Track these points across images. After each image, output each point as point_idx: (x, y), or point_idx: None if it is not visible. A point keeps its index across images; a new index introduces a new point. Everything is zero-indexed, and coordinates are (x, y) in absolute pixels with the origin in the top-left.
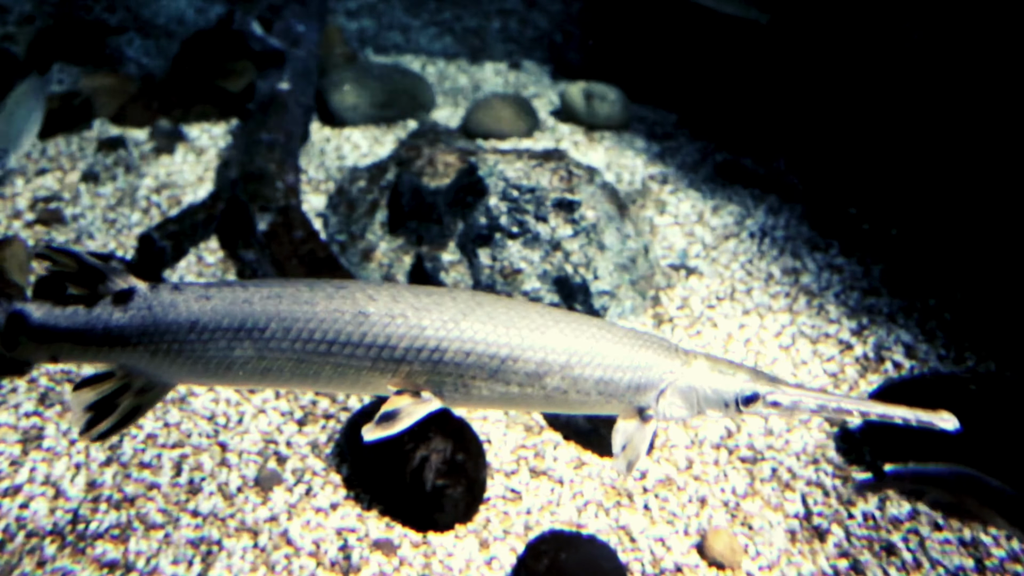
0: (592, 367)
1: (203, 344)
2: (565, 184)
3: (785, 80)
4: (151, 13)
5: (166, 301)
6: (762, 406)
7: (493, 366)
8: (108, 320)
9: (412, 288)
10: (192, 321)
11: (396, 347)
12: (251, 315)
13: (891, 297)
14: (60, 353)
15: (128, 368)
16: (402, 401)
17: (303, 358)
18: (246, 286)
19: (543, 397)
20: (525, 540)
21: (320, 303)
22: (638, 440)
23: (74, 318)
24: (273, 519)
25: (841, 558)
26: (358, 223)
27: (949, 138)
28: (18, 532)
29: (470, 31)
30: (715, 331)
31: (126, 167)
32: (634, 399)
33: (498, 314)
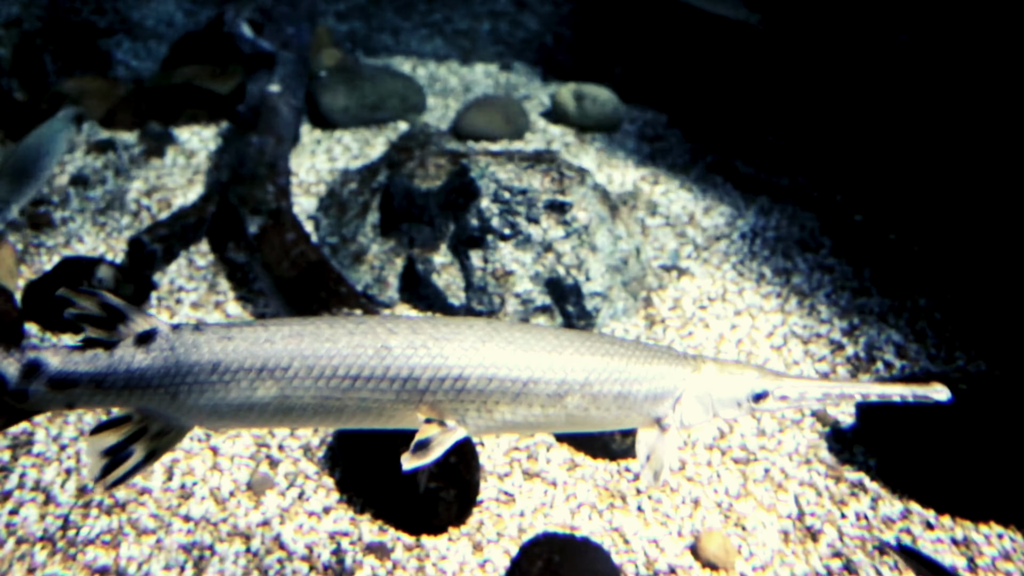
0: (610, 383)
1: (226, 385)
2: (556, 186)
3: (776, 81)
4: (140, 16)
5: (188, 342)
6: (772, 401)
7: (515, 390)
8: (131, 363)
9: (430, 319)
10: (215, 363)
11: (420, 378)
12: (273, 355)
13: (881, 297)
14: (78, 400)
15: (147, 411)
16: (432, 430)
17: (327, 395)
18: (267, 325)
19: (565, 416)
20: (519, 542)
21: (342, 339)
22: (660, 449)
23: (95, 362)
24: (266, 523)
25: (834, 558)
26: (349, 225)
27: (939, 139)
28: (8, 538)
29: (460, 33)
30: (707, 332)
31: (116, 170)
32: (652, 410)
33: (516, 339)
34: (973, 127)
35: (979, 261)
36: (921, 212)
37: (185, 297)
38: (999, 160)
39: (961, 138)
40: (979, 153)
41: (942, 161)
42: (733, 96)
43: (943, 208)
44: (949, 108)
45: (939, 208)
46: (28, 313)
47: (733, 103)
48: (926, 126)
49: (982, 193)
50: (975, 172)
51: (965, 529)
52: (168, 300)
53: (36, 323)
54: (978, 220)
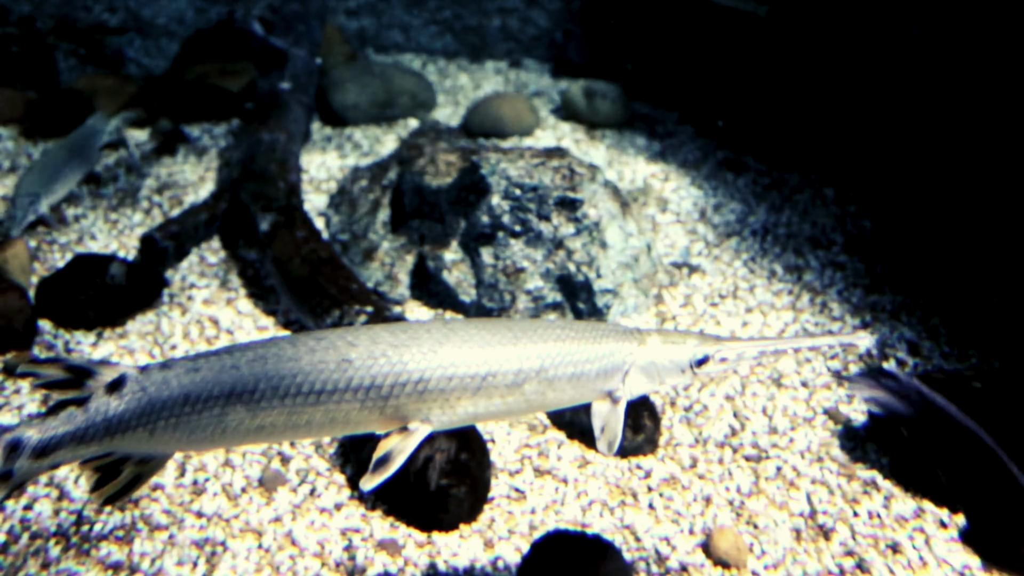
0: (564, 366)
1: (198, 414)
2: (567, 182)
3: (786, 75)
4: (152, 13)
5: (158, 380)
6: (713, 364)
7: (475, 385)
8: (107, 412)
9: (388, 327)
10: (186, 395)
11: (382, 385)
12: (240, 380)
13: (894, 294)
14: (63, 460)
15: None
16: (391, 442)
17: (294, 411)
18: (232, 352)
19: (524, 402)
20: (530, 540)
21: (304, 357)
22: (613, 421)
23: (72, 421)
24: (277, 520)
25: (847, 556)
26: (360, 222)
27: (952, 134)
28: (23, 534)
29: (470, 29)
30: (718, 329)
31: (127, 167)
32: (603, 385)
33: (472, 336)
34: (989, 121)
35: (993, 258)
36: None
37: (197, 294)
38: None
39: (978, 133)
40: (995, 149)
41: (957, 156)
42: (744, 92)
43: (957, 204)
44: (964, 102)
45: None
46: (42, 310)
47: (744, 99)
48: (940, 120)
49: (997, 189)
50: (991, 168)
51: None
52: (180, 297)
53: (49, 320)
54: (992, 216)
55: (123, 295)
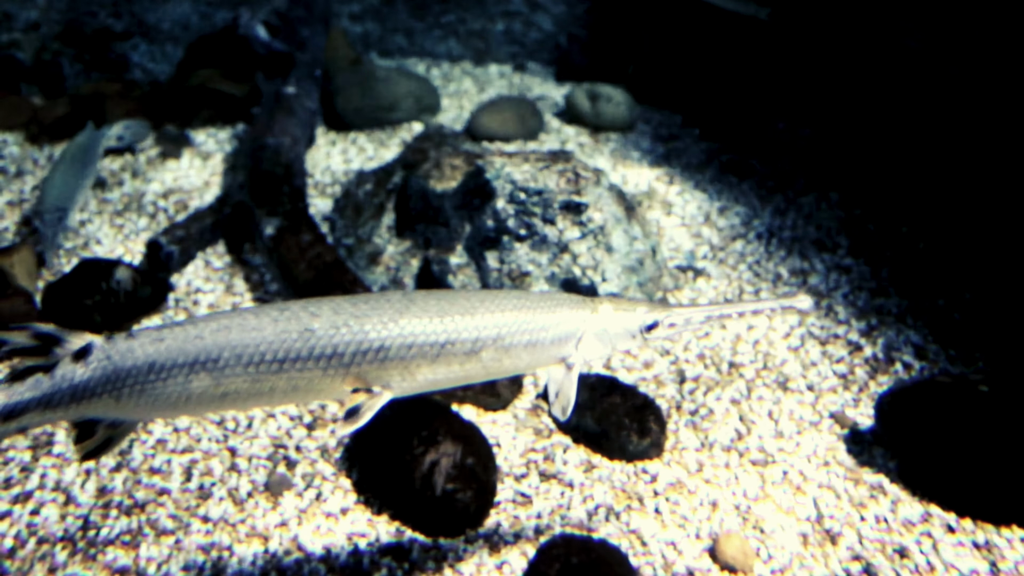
0: (519, 334)
1: (163, 382)
2: (572, 186)
3: (790, 78)
4: (156, 18)
5: (123, 348)
6: (663, 330)
7: (434, 353)
8: (72, 378)
9: (350, 298)
10: (150, 363)
11: (344, 354)
12: (204, 348)
13: (900, 297)
14: (30, 423)
15: (95, 418)
16: (360, 398)
17: (258, 379)
18: (196, 323)
19: (482, 369)
20: (536, 544)
21: (267, 327)
22: (567, 385)
23: (39, 387)
24: (283, 524)
25: (854, 561)
26: (365, 226)
27: (957, 137)
28: (29, 539)
29: (474, 33)
30: (723, 332)
31: (133, 172)
32: (558, 352)
33: (431, 307)
34: (993, 126)
35: (1000, 261)
36: (939, 212)
37: (202, 298)
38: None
39: (981, 137)
40: (1001, 151)
41: (962, 160)
42: (748, 95)
43: (962, 207)
44: (969, 106)
45: (958, 207)
46: (48, 315)
47: (748, 102)
48: (945, 124)
49: (1002, 192)
50: (996, 171)
51: (987, 532)
52: (185, 301)
53: (55, 325)
54: (997, 220)
55: (128, 300)
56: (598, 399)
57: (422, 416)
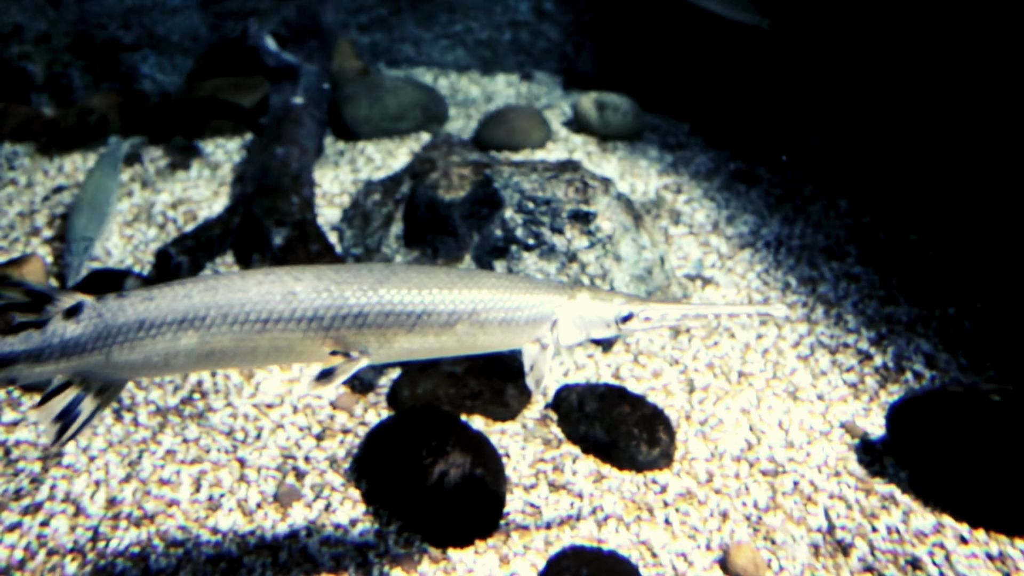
0: (495, 311)
1: (152, 339)
2: (580, 195)
3: (794, 85)
4: (165, 30)
5: (114, 307)
6: (637, 322)
7: (411, 323)
8: (63, 334)
9: (334, 266)
10: (140, 320)
11: (324, 317)
12: (192, 307)
13: (909, 306)
14: (19, 376)
15: (84, 374)
16: (336, 360)
17: (242, 337)
18: (184, 283)
19: (456, 342)
20: (546, 555)
21: (252, 289)
22: (540, 363)
23: (29, 340)
24: (292, 535)
25: (865, 573)
26: (373, 236)
27: (968, 145)
28: (39, 550)
29: (481, 43)
30: (732, 342)
31: (142, 183)
32: (533, 333)
33: (411, 279)
34: (1006, 132)
35: (1011, 269)
36: (950, 219)
37: None
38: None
39: (991, 144)
40: (1013, 159)
41: (972, 167)
42: (755, 103)
43: (972, 215)
44: (980, 113)
45: (968, 215)
46: None
47: (754, 109)
48: (956, 131)
49: (1014, 200)
50: (1007, 179)
51: (1000, 544)
52: None
53: None
54: (1008, 227)
55: None
56: (607, 409)
57: (431, 427)
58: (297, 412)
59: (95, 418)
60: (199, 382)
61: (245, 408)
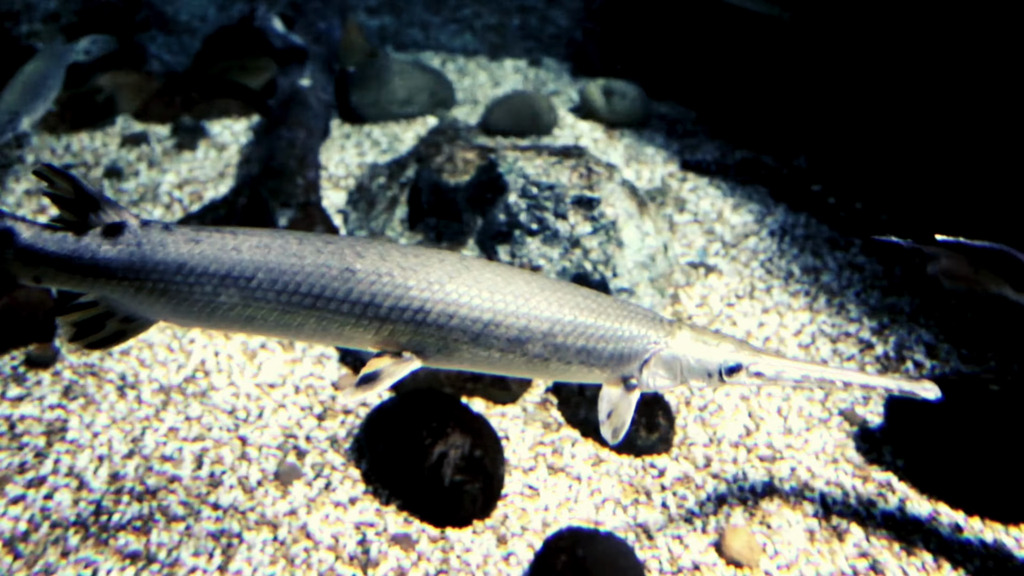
0: (575, 336)
1: (189, 287)
2: (584, 181)
3: (808, 77)
4: (174, 11)
5: (156, 240)
6: (745, 376)
7: (476, 330)
8: (96, 251)
9: (400, 247)
10: (180, 263)
11: (381, 305)
12: (239, 263)
13: (912, 296)
14: (44, 277)
15: (111, 301)
16: (383, 362)
17: (288, 309)
18: (236, 233)
19: (524, 363)
20: (543, 536)
21: (308, 257)
22: (623, 408)
23: (62, 244)
24: (292, 513)
25: (860, 558)
26: (378, 220)
27: (975, 135)
28: (43, 523)
29: (490, 28)
30: (734, 329)
31: (149, 163)
32: (617, 368)
33: (484, 279)
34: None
35: None
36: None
37: None
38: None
39: (1001, 134)
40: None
41: (978, 157)
42: (763, 92)
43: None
44: (983, 105)
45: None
46: (63, 304)
47: (763, 99)
48: (962, 120)
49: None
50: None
51: (995, 532)
52: None
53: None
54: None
55: None
56: None
57: (431, 408)
58: (299, 392)
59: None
60: (202, 360)
61: (248, 387)
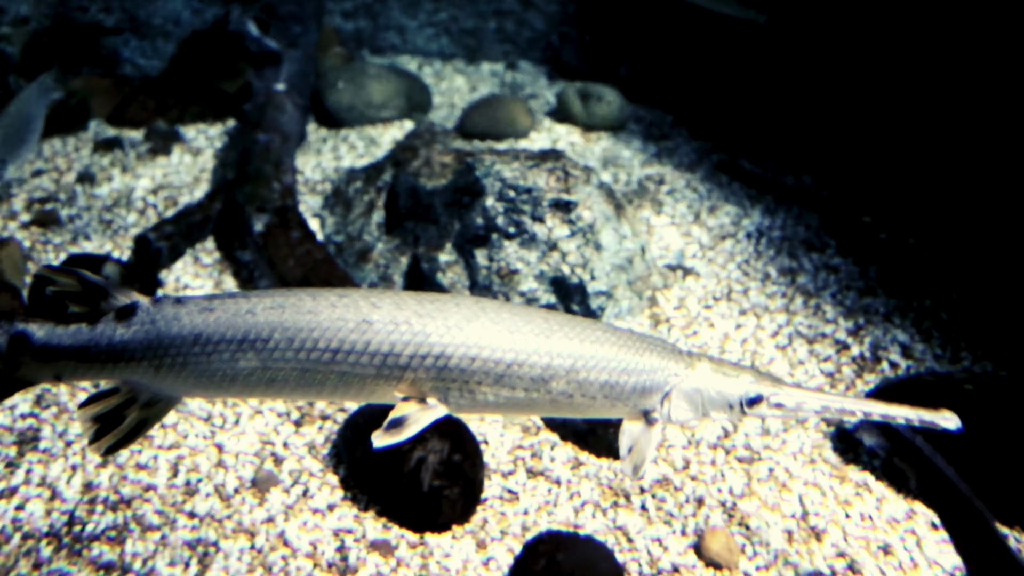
0: (597, 371)
1: (207, 357)
2: (562, 184)
3: (782, 80)
4: (147, 14)
5: (169, 315)
6: (766, 408)
7: (499, 371)
8: (112, 336)
9: (415, 295)
10: (196, 334)
11: (401, 354)
12: (254, 326)
13: (887, 297)
14: (64, 372)
15: (132, 383)
16: (409, 408)
17: (308, 367)
18: (248, 297)
19: (549, 401)
20: (522, 541)
21: (323, 312)
22: (644, 443)
23: (77, 336)
24: (270, 520)
25: (838, 558)
26: (355, 224)
27: (944, 138)
28: (14, 534)
29: (467, 32)
30: (712, 331)
31: (122, 168)
32: (639, 402)
33: (502, 319)
34: (979, 126)
35: (985, 261)
36: (927, 212)
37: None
38: (1005, 160)
39: (968, 137)
40: (985, 152)
41: (948, 160)
42: (739, 95)
43: (949, 208)
44: (956, 107)
45: (945, 208)
46: (35, 310)
47: (739, 102)
48: (932, 125)
49: (988, 193)
50: (982, 172)
51: None
52: None
53: (42, 319)
54: (984, 220)
55: None
56: None
57: None
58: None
59: (141, 433)
60: None
61: None
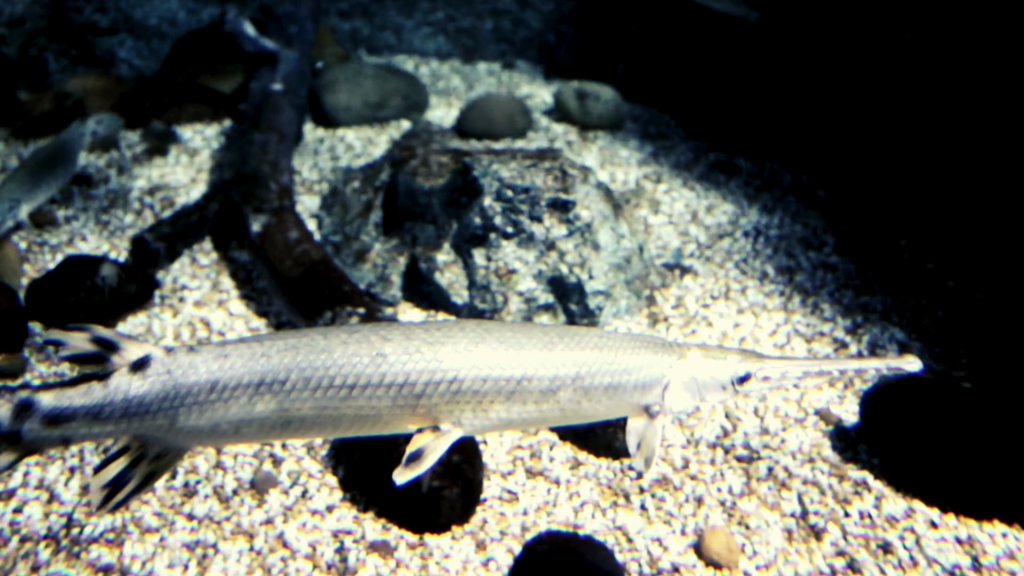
0: (600, 375)
1: (224, 403)
2: (559, 184)
3: (778, 78)
4: (143, 14)
5: (185, 364)
6: (755, 383)
7: (510, 388)
8: (127, 391)
9: (422, 324)
10: (213, 381)
11: (415, 383)
12: (270, 369)
13: (885, 295)
14: (75, 434)
15: (144, 438)
16: (425, 439)
17: (325, 404)
18: (262, 340)
19: (559, 411)
20: (522, 541)
21: (337, 349)
22: (650, 436)
23: (90, 395)
24: (269, 522)
25: (838, 557)
26: (352, 224)
27: (942, 137)
28: (12, 537)
29: (463, 31)
30: (710, 330)
31: (119, 168)
32: (641, 399)
33: (507, 339)
34: (976, 125)
35: (982, 259)
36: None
37: (188, 295)
38: (1002, 158)
39: (964, 136)
40: (982, 151)
41: (945, 159)
42: (736, 94)
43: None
44: (952, 106)
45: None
46: (32, 312)
47: (736, 101)
48: (929, 124)
49: (985, 191)
50: (979, 170)
51: (969, 528)
52: (171, 299)
53: (40, 322)
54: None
55: (113, 297)
56: None
57: None
58: None
59: (146, 488)
60: None
61: None
